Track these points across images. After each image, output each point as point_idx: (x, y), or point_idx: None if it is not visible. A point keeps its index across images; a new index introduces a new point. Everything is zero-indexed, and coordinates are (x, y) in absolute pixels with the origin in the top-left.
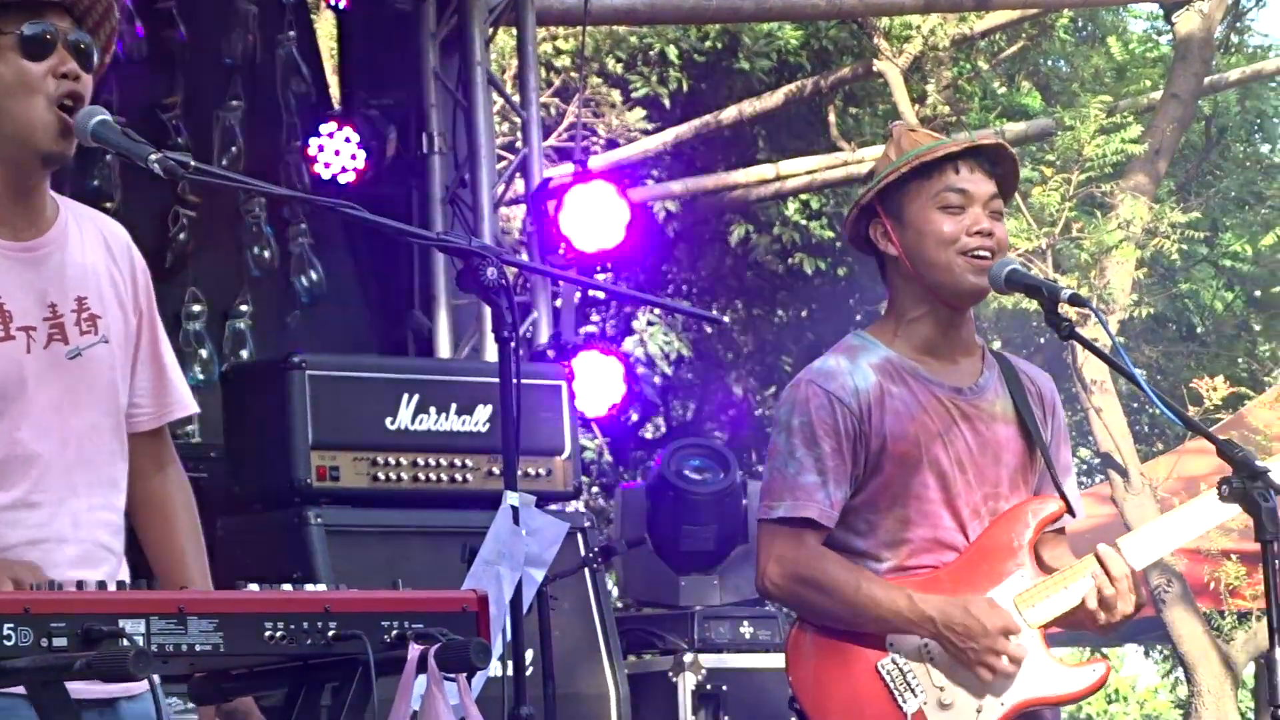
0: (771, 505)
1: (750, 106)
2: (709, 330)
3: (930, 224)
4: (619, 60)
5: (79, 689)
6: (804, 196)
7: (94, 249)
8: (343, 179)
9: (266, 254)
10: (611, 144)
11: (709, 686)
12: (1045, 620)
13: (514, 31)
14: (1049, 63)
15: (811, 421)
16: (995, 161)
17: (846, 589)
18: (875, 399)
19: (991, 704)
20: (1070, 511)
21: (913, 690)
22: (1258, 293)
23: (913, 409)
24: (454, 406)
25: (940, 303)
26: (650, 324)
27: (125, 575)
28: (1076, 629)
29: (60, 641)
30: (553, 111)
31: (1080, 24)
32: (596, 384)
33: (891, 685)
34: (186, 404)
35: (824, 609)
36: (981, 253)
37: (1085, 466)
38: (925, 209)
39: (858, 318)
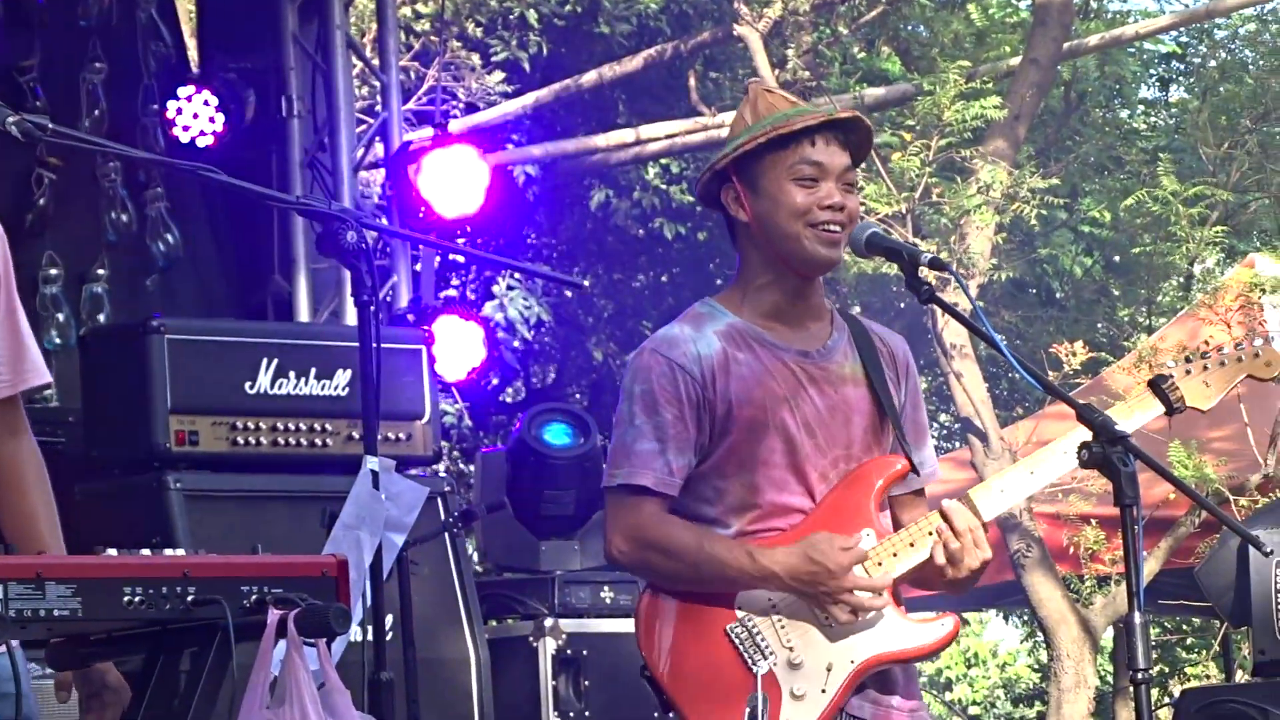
0: (613, 473)
1: (610, 71)
2: (569, 294)
3: (784, 195)
4: (479, 24)
5: None
6: (664, 161)
7: None
8: (201, 142)
9: (124, 218)
10: (471, 108)
11: (569, 651)
12: (893, 578)
13: None
14: (909, 28)
15: (653, 389)
16: (850, 131)
17: (689, 550)
18: (719, 365)
19: (841, 661)
20: (914, 470)
21: (762, 652)
22: (1117, 258)
23: (759, 374)
24: (313, 371)
25: (789, 271)
26: (510, 288)
27: None
28: (925, 586)
29: None
30: (412, 75)
31: None
32: (456, 348)
33: (741, 648)
34: (42, 372)
35: (670, 572)
36: (832, 226)
37: (945, 431)
38: (779, 179)
39: (718, 282)
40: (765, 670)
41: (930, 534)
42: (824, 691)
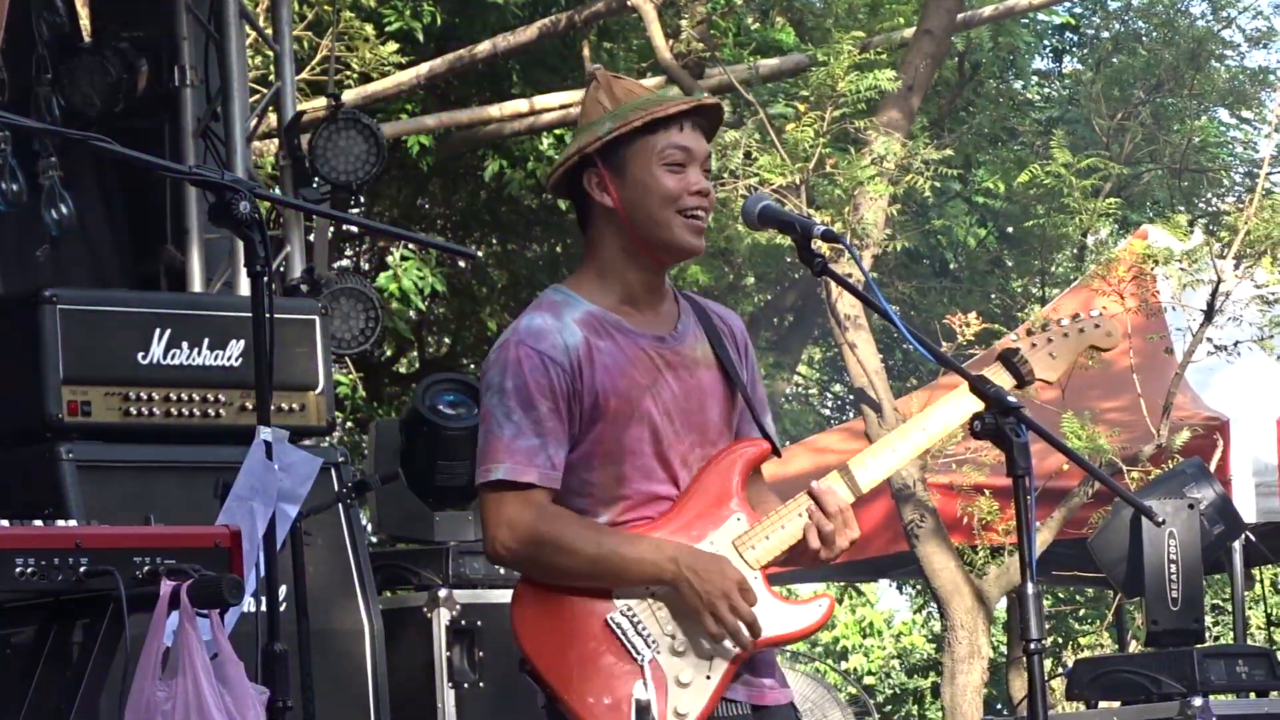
0: (490, 468)
1: (504, 41)
2: (463, 265)
3: (654, 180)
4: None
5: None
6: (558, 131)
7: None
8: (93, 112)
9: (14, 187)
10: (365, 78)
11: (464, 622)
12: (765, 560)
13: None
14: None
15: (527, 384)
16: (708, 118)
17: (588, 545)
18: (585, 355)
19: (722, 648)
20: (776, 452)
21: (645, 640)
22: (1010, 229)
23: (621, 363)
24: (206, 341)
25: (650, 257)
26: (404, 259)
27: None
28: (795, 565)
29: None
30: (306, 45)
31: None
32: (350, 318)
33: (623, 638)
34: None
35: (565, 568)
36: (699, 213)
37: (839, 402)
38: (649, 165)
39: None
40: (649, 658)
41: (800, 515)
42: (709, 678)
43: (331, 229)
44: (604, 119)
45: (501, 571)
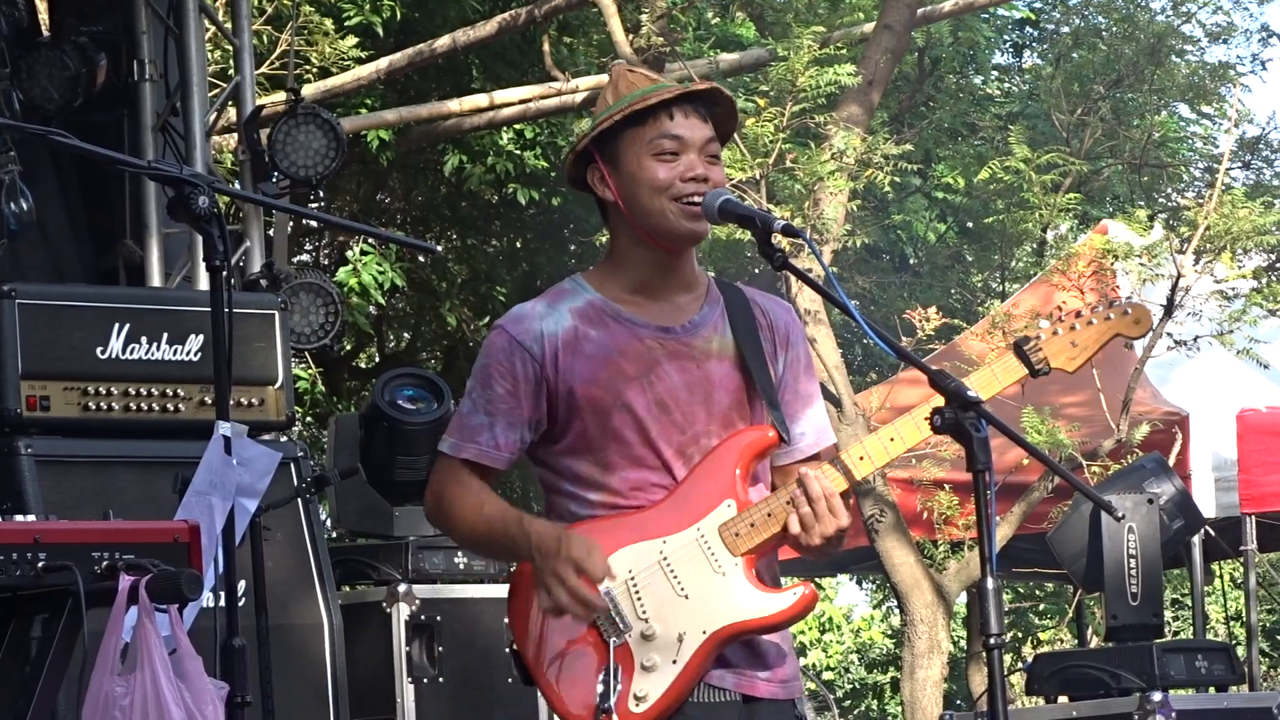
0: (445, 438)
1: (464, 35)
2: (423, 260)
3: (644, 171)
4: None
5: None
6: (518, 126)
7: None
8: (52, 106)
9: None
10: (324, 72)
11: (423, 617)
12: (748, 547)
13: None
14: None
15: (489, 364)
16: (712, 103)
17: (470, 513)
18: (565, 343)
19: (693, 632)
20: (784, 439)
21: (618, 625)
22: (970, 224)
23: (608, 352)
24: (165, 336)
25: (657, 247)
26: (364, 253)
27: None
28: (797, 553)
29: None
30: (265, 39)
31: None
32: (309, 313)
33: (599, 622)
34: None
35: (460, 533)
36: (695, 199)
37: None
38: (639, 156)
39: (572, 248)
40: (620, 643)
41: (788, 502)
42: (675, 662)
43: (291, 224)
44: (600, 114)
45: (461, 566)
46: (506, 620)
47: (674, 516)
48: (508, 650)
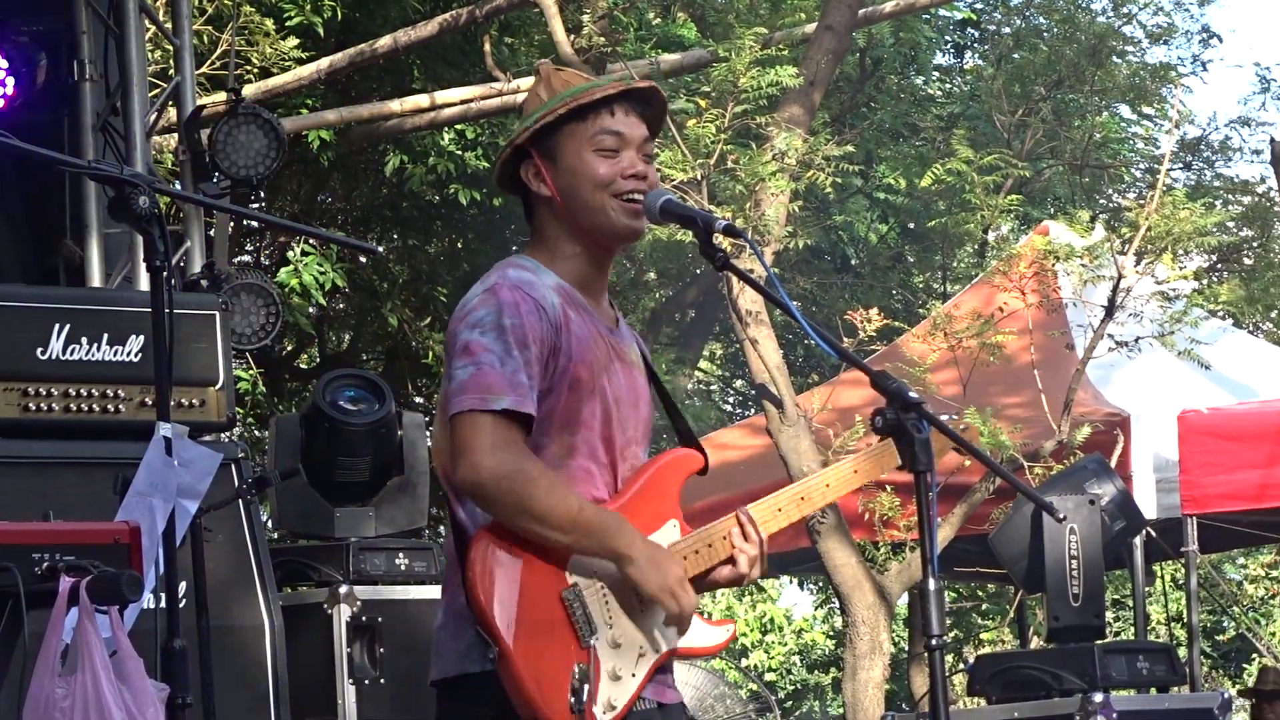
0: (490, 398)
1: (405, 35)
2: (364, 260)
3: (585, 166)
4: None
5: None
6: (459, 126)
7: None
8: None
9: None
10: (265, 73)
11: (364, 618)
12: (690, 575)
13: None
14: None
15: (523, 324)
16: (647, 103)
17: (570, 499)
18: (563, 319)
19: (649, 650)
20: (706, 468)
21: (591, 625)
22: (912, 225)
23: (588, 335)
24: (106, 336)
25: (594, 244)
26: (305, 254)
27: None
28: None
29: None
30: (206, 40)
31: None
32: (250, 314)
33: (573, 616)
34: None
35: (540, 512)
36: (635, 195)
37: (741, 397)
38: (580, 151)
39: (514, 248)
40: (590, 645)
41: (725, 538)
42: (634, 675)
43: (232, 224)
44: (538, 109)
45: (402, 567)
46: (462, 595)
47: (632, 522)
48: (475, 628)
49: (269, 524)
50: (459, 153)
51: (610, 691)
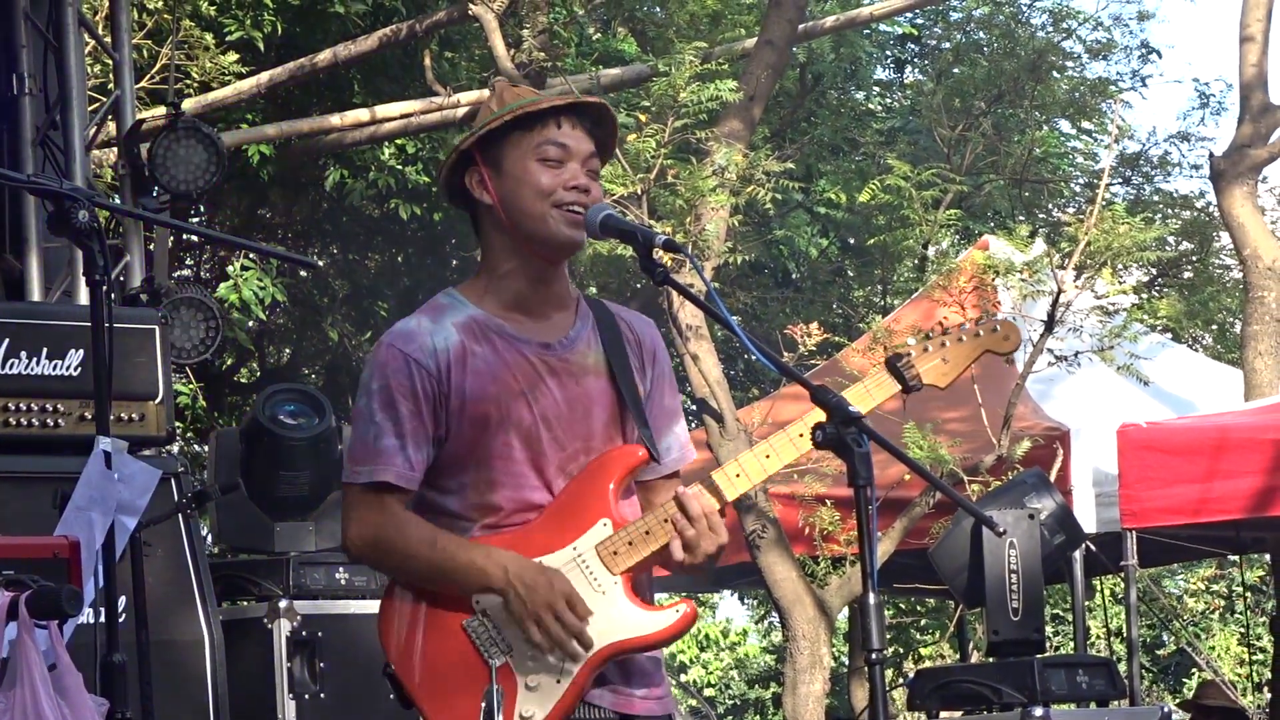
0: (356, 470)
1: (345, 50)
2: (304, 275)
3: (528, 174)
4: (212, 3)
5: None
6: (400, 141)
7: None
8: None
9: None
10: (205, 87)
11: (304, 633)
12: (628, 565)
13: None
14: (644, 9)
15: (389, 384)
16: (597, 122)
17: (423, 549)
18: (456, 358)
19: (569, 655)
20: (654, 458)
21: (499, 645)
22: (852, 239)
23: (495, 368)
24: (45, 350)
25: (533, 255)
26: (245, 268)
27: None
28: (670, 570)
29: None
30: (145, 54)
31: None
32: (190, 328)
33: (478, 642)
34: None
35: (405, 570)
36: (576, 208)
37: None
38: (524, 159)
39: (454, 263)
40: (501, 663)
41: (665, 521)
42: (559, 682)
43: (171, 238)
44: (487, 119)
45: (342, 582)
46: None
47: (549, 536)
48: (384, 674)
49: (209, 538)
50: (399, 167)
51: (525, 703)
